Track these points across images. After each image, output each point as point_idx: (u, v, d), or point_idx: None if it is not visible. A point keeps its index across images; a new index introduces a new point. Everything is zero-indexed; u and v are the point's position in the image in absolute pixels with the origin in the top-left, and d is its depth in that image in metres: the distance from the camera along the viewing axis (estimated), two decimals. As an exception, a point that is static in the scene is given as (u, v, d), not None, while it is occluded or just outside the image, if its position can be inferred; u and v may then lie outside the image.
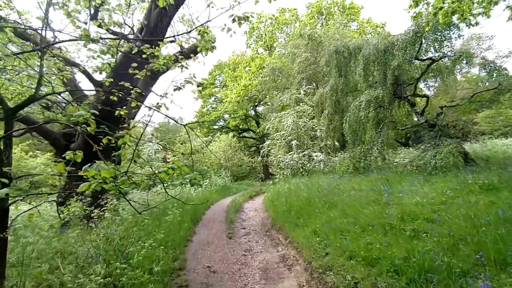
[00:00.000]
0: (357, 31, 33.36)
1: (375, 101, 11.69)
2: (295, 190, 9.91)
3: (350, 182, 9.61)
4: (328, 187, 9.13)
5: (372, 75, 11.64)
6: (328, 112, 14.03)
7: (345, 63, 13.74)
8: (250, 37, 40.63)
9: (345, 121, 12.61)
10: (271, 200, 10.67)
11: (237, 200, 12.72)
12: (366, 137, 12.24)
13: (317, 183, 10.56)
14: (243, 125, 39.87)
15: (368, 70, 11.71)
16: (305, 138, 17.16)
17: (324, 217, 6.32)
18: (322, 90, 15.69)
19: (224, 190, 15.86)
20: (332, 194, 7.84)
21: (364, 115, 11.63)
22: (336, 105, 13.97)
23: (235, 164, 24.39)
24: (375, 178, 9.66)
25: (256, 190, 17.11)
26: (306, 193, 8.89)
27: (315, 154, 15.39)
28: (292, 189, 10.36)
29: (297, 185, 10.78)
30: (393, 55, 10.85)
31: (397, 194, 6.65)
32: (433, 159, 9.49)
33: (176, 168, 3.62)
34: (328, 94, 14.06)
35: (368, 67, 11.62)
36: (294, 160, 15.82)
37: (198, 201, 11.34)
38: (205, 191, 13.85)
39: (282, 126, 17.75)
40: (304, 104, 17.32)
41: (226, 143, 24.48)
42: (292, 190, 10.06)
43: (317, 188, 9.36)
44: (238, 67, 38.79)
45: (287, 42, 29.62)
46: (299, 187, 10.15)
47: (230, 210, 10.56)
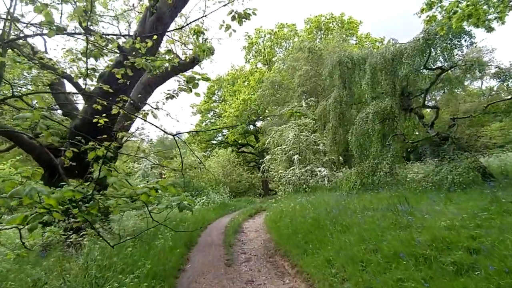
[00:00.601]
0: (356, 45, 33.26)
1: (382, 113, 11.02)
2: (300, 210, 9.04)
3: (360, 200, 8.79)
4: (336, 206, 8.29)
5: (380, 85, 11.00)
6: (332, 125, 13.35)
7: (349, 74, 13.19)
8: (249, 52, 40.60)
9: (351, 134, 11.90)
10: (273, 220, 9.78)
11: (236, 220, 11.80)
12: (372, 151, 11.51)
13: (323, 201, 9.72)
14: (242, 140, 39.18)
15: (375, 80, 11.11)
16: (307, 152, 16.40)
17: (338, 243, 5.46)
18: (324, 102, 15.10)
19: (223, 208, 14.93)
20: (344, 215, 6.99)
21: (372, 128, 10.93)
22: (340, 117, 13.31)
23: (234, 179, 23.49)
24: (387, 195, 8.84)
25: (256, 207, 16.18)
26: (313, 213, 8.03)
27: (318, 169, 14.59)
28: (297, 208, 9.50)
29: (302, 203, 9.93)
30: (402, 64, 10.25)
31: (419, 215, 5.83)
32: (450, 174, 8.71)
33: (161, 188, 2.90)
34: (331, 106, 13.42)
35: (375, 77, 11.02)
36: (296, 175, 14.99)
37: (193, 221, 10.44)
38: (202, 209, 12.93)
39: (283, 140, 17.03)
40: (306, 117, 16.69)
41: (224, 158, 23.67)
42: (297, 210, 9.19)
43: (325, 207, 8.52)
44: (237, 81, 38.53)
45: (287, 56, 29.37)
46: (304, 206, 9.30)
47: (228, 231, 9.65)
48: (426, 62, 10.75)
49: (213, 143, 40.75)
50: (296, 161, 14.95)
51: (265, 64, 39.58)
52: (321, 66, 22.39)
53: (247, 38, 39.97)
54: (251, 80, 34.95)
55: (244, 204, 18.91)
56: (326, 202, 9.30)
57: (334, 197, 10.63)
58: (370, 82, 10.99)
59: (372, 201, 8.48)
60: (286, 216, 9.06)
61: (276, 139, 17.10)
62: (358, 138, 11.32)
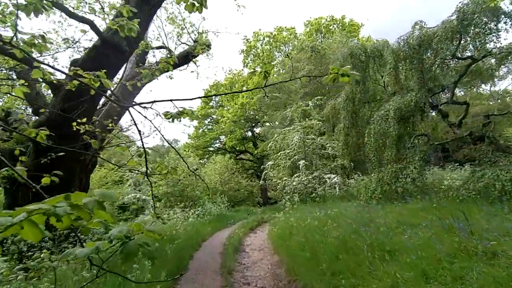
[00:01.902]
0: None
1: (406, 110, 9.48)
2: (316, 225, 7.37)
3: (388, 213, 7.19)
4: (361, 220, 6.66)
5: (404, 76, 9.49)
6: (344, 126, 11.78)
7: (362, 67, 11.69)
8: (247, 56, 39.36)
9: (367, 134, 10.35)
10: (280, 237, 8.08)
11: (236, 234, 10.09)
12: (392, 154, 9.95)
13: (340, 214, 8.09)
14: (240, 147, 37.59)
15: (398, 70, 9.59)
16: (314, 157, 14.81)
17: (386, 279, 3.81)
18: (333, 101, 13.57)
19: (220, 220, 13.21)
20: (378, 234, 5.35)
21: (393, 127, 9.37)
22: (353, 117, 11.76)
23: (232, 188, 21.76)
24: (419, 206, 7.25)
25: (257, 219, 14.47)
26: (335, 229, 6.38)
27: (327, 176, 12.98)
28: (309, 221, 7.84)
29: (316, 216, 8.28)
30: (432, 50, 8.75)
31: (488, 235, 4.22)
32: (498, 180, 7.13)
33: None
34: (342, 104, 11.89)
35: (398, 67, 9.51)
36: (303, 183, 13.36)
37: (185, 239, 8.72)
38: (196, 223, 11.22)
39: (286, 144, 15.45)
40: (312, 118, 15.15)
41: (222, 164, 21.98)
42: (311, 224, 7.52)
43: (346, 221, 6.89)
44: (235, 86, 37.20)
45: (287, 59, 27.99)
46: (320, 220, 7.64)
47: (227, 250, 7.95)
48: (456, 50, 9.28)
49: (211, 150, 39.24)
50: (302, 167, 13.33)
51: (264, 68, 38.22)
52: (325, 66, 21.01)
53: (245, 42, 38.80)
54: (249, 84, 33.54)
55: (243, 215, 17.17)
56: (344, 215, 7.67)
57: (353, 208, 9.00)
58: (393, 72, 9.46)
59: (403, 214, 6.88)
60: (298, 233, 7.39)
61: (279, 143, 15.51)
62: (377, 139, 9.75)
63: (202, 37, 12.50)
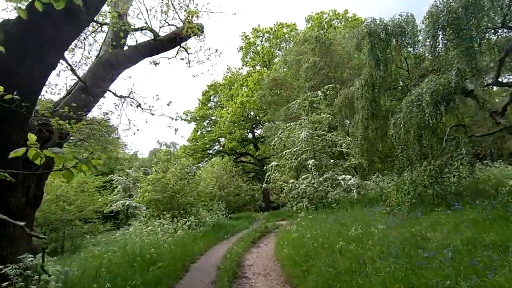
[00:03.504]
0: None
1: (443, 93, 7.56)
2: (346, 246, 5.35)
3: (436, 224, 5.26)
4: (408, 238, 4.73)
5: (445, 49, 7.57)
6: (362, 117, 9.85)
7: (383, 48, 9.85)
8: (246, 54, 37.66)
9: (393, 126, 8.43)
10: (294, 261, 6.02)
11: (234, 251, 8.11)
12: (427, 148, 8.06)
13: (372, 226, 6.14)
14: (240, 149, 35.70)
15: (437, 41, 7.68)
16: (323, 156, 12.89)
17: None
18: (346, 90, 11.66)
19: (216, 232, 11.24)
20: (451, 263, 3.40)
21: (430, 114, 7.44)
22: (372, 106, 9.85)
23: (232, 192, 19.79)
24: (482, 215, 5.30)
25: (260, 228, 12.52)
26: (375, 254, 4.41)
27: (342, 178, 11.03)
28: (334, 240, 5.86)
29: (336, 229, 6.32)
30: (483, 13, 6.84)
31: None
32: None
33: None
34: (360, 91, 9.98)
35: (437, 35, 7.58)
36: (313, 186, 11.42)
37: (169, 260, 6.78)
38: (186, 237, 9.26)
39: (292, 141, 13.54)
40: (320, 112, 13.26)
41: (220, 166, 20.02)
42: (335, 243, 5.52)
43: (385, 241, 4.94)
44: (234, 85, 35.48)
45: (289, 51, 26.09)
46: (349, 238, 5.66)
47: (221, 278, 5.98)
48: (505, 18, 7.38)
49: (210, 153, 37.44)
50: (311, 168, 11.39)
51: (264, 66, 36.51)
52: (331, 57, 19.15)
53: (244, 38, 37.10)
54: (249, 81, 31.77)
55: (244, 223, 15.21)
56: (380, 229, 5.71)
57: (380, 217, 7.08)
58: (432, 43, 7.53)
59: (460, 226, 4.94)
60: (318, 256, 5.43)
61: (283, 140, 13.58)
62: (408, 131, 7.82)
63: (193, 15, 10.65)
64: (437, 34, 7.44)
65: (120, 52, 8.95)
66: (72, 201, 13.70)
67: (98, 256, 7.77)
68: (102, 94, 8.39)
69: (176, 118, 9.46)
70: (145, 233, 8.77)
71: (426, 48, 7.86)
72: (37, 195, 7.06)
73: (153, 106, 9.27)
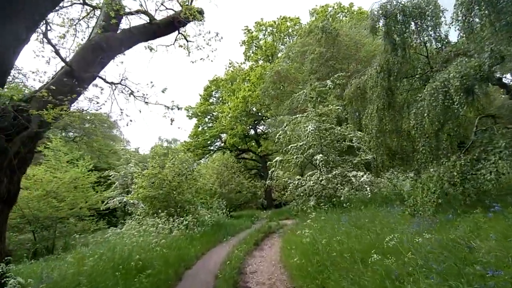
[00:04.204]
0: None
1: (474, 77, 6.61)
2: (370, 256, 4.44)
3: (486, 230, 4.35)
4: (451, 247, 3.83)
5: (480, 25, 6.59)
6: (377, 108, 8.91)
7: (401, 31, 8.90)
8: (249, 48, 36.73)
9: (414, 116, 7.51)
10: (305, 271, 5.08)
11: (235, 256, 7.23)
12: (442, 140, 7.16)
13: (397, 230, 5.25)
14: (242, 145, 34.82)
15: (469, 14, 6.71)
16: (332, 151, 11.96)
17: None
18: (357, 80, 10.72)
19: (215, 232, 10.36)
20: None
21: (459, 102, 6.50)
22: (388, 95, 8.91)
23: (233, 189, 18.90)
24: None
25: (263, 229, 11.65)
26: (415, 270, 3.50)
27: (353, 174, 10.11)
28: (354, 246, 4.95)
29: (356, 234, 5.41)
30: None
31: None
32: None
33: None
34: (375, 79, 9.04)
35: (471, 8, 6.61)
36: (321, 183, 10.52)
37: (160, 266, 5.91)
38: (182, 238, 8.39)
39: (297, 135, 12.62)
40: (328, 104, 12.31)
41: (221, 162, 19.12)
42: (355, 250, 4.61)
43: (423, 249, 4.05)
44: (236, 80, 34.56)
45: (293, 44, 25.08)
46: (386, 246, 4.73)
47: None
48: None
49: (211, 149, 36.64)
50: (320, 163, 10.48)
51: (266, 60, 35.54)
52: (338, 48, 18.17)
53: (247, 32, 36.14)
54: (251, 76, 30.82)
55: (246, 222, 14.33)
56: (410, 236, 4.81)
57: (407, 220, 6.17)
58: (467, 17, 6.56)
59: (507, 234, 4.04)
60: (337, 265, 4.52)
61: (288, 134, 12.66)
62: (433, 121, 6.89)
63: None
64: (473, 7, 6.47)
65: (111, 35, 8.03)
66: (64, 197, 12.89)
67: (84, 259, 6.94)
68: (91, 79, 7.51)
69: (172, 107, 8.55)
70: (136, 234, 7.92)
71: (458, 24, 6.87)
72: (10, 191, 6.16)
73: (147, 94, 8.38)
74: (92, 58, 7.53)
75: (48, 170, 13.35)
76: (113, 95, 8.13)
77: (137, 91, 8.13)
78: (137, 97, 8.13)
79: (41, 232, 13.73)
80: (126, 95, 8.13)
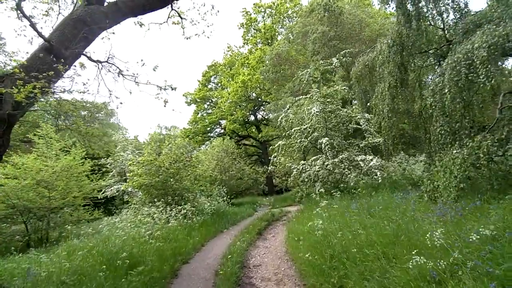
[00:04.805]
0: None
1: (503, 48, 5.87)
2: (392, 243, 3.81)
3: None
4: (495, 241, 3.22)
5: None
6: (389, 85, 8.17)
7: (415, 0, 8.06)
8: (247, 31, 35.47)
9: (432, 93, 6.79)
10: (321, 270, 4.48)
11: (237, 248, 6.68)
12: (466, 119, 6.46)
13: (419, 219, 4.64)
14: (242, 131, 34.18)
15: None
16: (336, 135, 11.29)
17: None
18: (365, 57, 9.93)
19: (216, 221, 9.82)
20: None
21: (486, 75, 5.77)
22: (401, 72, 8.15)
23: (234, 176, 18.33)
24: None
25: (265, 216, 11.11)
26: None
27: (361, 158, 9.47)
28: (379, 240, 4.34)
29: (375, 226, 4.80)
30: None
31: None
32: None
33: None
34: (387, 53, 8.26)
35: None
36: (327, 168, 9.90)
37: (154, 261, 5.35)
38: (179, 229, 7.84)
39: (300, 118, 11.91)
40: (334, 84, 11.53)
41: (221, 148, 18.45)
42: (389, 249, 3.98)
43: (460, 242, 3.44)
44: (235, 65, 33.55)
45: (294, 24, 23.94)
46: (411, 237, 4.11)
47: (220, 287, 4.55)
48: None
49: (211, 136, 36.01)
50: (325, 147, 9.82)
51: (266, 44, 34.38)
52: (342, 27, 17.20)
53: (245, 14, 34.84)
54: (250, 59, 29.82)
55: (248, 210, 13.79)
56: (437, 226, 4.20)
57: (426, 207, 5.57)
58: None
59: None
60: (354, 259, 3.93)
61: (291, 118, 11.93)
62: (455, 97, 6.18)
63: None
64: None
65: (96, 9, 7.18)
66: (56, 186, 12.28)
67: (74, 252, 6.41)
68: (74, 57, 6.72)
69: (166, 87, 7.82)
70: (130, 225, 7.35)
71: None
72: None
73: (138, 74, 7.62)
74: (74, 33, 6.71)
75: (39, 158, 12.70)
76: (100, 74, 7.42)
77: (127, 70, 7.41)
78: (126, 76, 7.42)
79: (35, 223, 13.23)
80: (114, 74, 7.42)
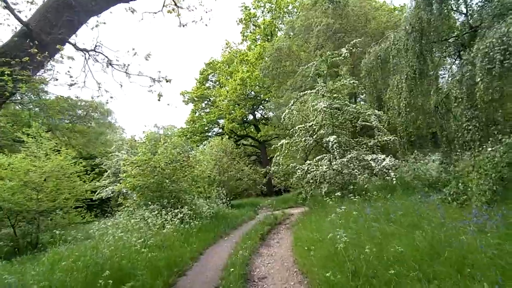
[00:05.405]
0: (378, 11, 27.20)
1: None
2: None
3: None
4: None
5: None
6: (407, 77, 7.43)
7: (435, -17, 7.32)
8: (246, 27, 34.70)
9: (459, 84, 6.07)
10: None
11: (239, 257, 5.94)
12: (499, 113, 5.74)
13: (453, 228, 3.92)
14: (240, 131, 33.45)
15: None
16: (343, 132, 10.56)
17: None
18: (377, 48, 9.20)
19: (215, 225, 9.06)
20: None
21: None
22: (420, 62, 7.41)
23: (233, 177, 17.58)
24: None
25: (268, 220, 10.36)
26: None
27: (372, 157, 8.73)
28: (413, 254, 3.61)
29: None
30: None
31: None
32: None
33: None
34: (403, 42, 7.53)
35: None
36: (334, 169, 9.16)
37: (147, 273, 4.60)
38: (175, 235, 7.08)
39: (305, 115, 11.18)
40: (341, 78, 10.78)
41: (219, 148, 17.70)
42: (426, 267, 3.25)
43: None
44: (234, 62, 32.78)
45: (296, 18, 23.16)
46: (453, 253, 3.37)
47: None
48: None
49: (208, 135, 35.24)
50: (333, 146, 9.08)
51: (265, 40, 33.59)
52: (347, 19, 16.46)
53: (244, 9, 34.09)
54: (249, 56, 29.06)
55: (248, 212, 13.04)
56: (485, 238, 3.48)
57: (457, 212, 4.85)
58: None
59: None
60: (382, 277, 3.21)
61: (295, 114, 11.19)
62: (488, 87, 5.46)
63: None
64: None
65: (84, -9, 6.45)
66: (44, 188, 11.51)
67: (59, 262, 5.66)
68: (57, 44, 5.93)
69: (159, 79, 7.06)
70: (121, 230, 6.60)
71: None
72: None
73: (129, 64, 6.87)
74: (57, 17, 5.91)
75: (27, 158, 11.90)
76: (87, 65, 6.67)
77: (116, 59, 6.66)
78: (115, 67, 6.68)
79: (24, 226, 12.46)
80: (103, 64, 6.67)
